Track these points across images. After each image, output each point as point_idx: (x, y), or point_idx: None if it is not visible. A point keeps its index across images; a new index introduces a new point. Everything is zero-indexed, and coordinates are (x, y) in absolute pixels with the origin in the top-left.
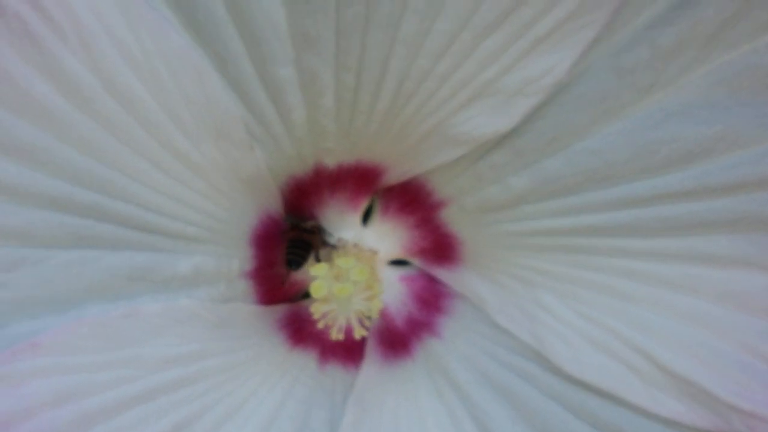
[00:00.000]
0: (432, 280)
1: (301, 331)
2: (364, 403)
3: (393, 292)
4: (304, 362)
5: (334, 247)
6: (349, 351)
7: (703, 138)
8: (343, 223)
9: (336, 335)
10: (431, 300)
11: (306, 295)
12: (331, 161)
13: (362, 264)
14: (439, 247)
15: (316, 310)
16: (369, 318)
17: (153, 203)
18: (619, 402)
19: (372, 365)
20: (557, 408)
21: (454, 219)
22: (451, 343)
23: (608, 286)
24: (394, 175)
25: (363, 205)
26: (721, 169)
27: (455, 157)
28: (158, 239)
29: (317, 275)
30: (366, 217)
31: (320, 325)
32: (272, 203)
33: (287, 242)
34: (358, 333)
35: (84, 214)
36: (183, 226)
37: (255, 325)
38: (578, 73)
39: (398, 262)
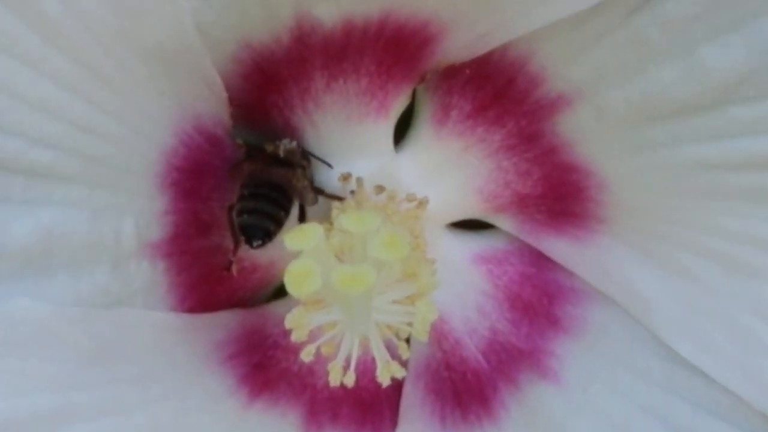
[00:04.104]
0: (539, 262)
1: (266, 366)
2: None
3: (458, 285)
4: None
5: (334, 194)
6: (367, 409)
7: None
8: (354, 142)
9: (338, 377)
10: (538, 303)
11: (279, 292)
12: (328, 14)
13: (395, 226)
14: (555, 191)
15: (297, 323)
16: (408, 341)
17: None
18: None
19: None
20: None
21: (585, 134)
22: (580, 392)
23: None
24: (458, 44)
25: (396, 105)
26: None
27: (586, 8)
28: None
29: (300, 248)
30: (401, 132)
31: (306, 357)
32: (207, 102)
33: (241, 183)
34: (386, 373)
35: None
36: (22, 148)
37: (172, 355)
38: None
39: (468, 224)
